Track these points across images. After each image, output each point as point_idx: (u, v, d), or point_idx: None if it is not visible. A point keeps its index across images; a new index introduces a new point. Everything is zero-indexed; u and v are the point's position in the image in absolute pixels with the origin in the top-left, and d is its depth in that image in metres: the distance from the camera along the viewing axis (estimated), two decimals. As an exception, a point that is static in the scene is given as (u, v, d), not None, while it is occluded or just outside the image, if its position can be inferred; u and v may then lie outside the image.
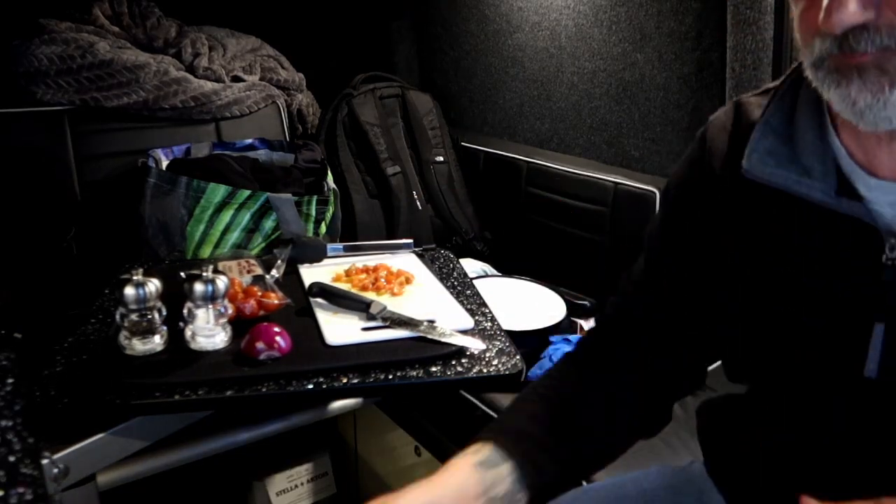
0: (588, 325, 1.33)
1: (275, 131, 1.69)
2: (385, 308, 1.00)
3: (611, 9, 1.49)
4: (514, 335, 1.01)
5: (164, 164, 1.39)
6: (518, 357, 0.94)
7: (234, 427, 1.05)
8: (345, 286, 1.09)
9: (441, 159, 1.85)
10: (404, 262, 1.24)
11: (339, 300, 1.03)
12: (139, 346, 0.89)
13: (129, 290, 0.87)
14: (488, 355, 0.94)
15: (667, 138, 1.46)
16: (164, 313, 0.91)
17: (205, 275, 0.89)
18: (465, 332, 0.98)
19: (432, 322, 0.98)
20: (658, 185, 1.40)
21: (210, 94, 1.54)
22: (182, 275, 0.91)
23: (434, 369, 0.91)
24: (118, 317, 0.89)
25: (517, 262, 1.66)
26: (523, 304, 1.32)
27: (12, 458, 0.53)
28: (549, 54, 1.67)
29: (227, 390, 0.84)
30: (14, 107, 1.40)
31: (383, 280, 1.12)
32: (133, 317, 0.89)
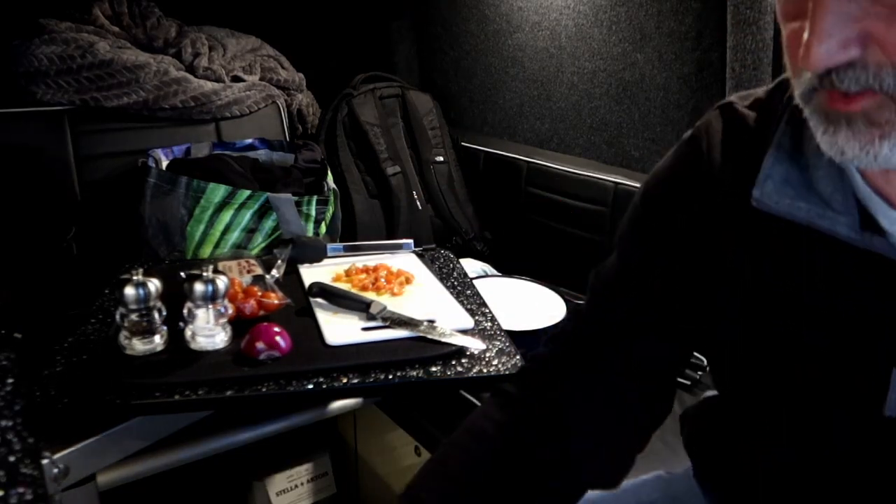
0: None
1: (275, 131, 1.69)
2: (385, 308, 1.00)
3: (611, 9, 1.49)
4: (514, 335, 1.01)
5: (164, 164, 1.39)
6: (518, 357, 0.94)
7: (234, 427, 1.05)
8: (345, 286, 1.09)
9: (441, 159, 1.85)
10: (404, 262, 1.24)
11: (339, 300, 1.03)
12: (139, 346, 0.89)
13: (129, 290, 0.87)
14: (488, 355, 0.94)
15: (667, 138, 1.45)
16: (164, 313, 0.91)
17: (205, 275, 0.89)
18: (465, 332, 0.99)
19: (432, 322, 0.98)
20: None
21: (210, 94, 1.54)
22: (182, 275, 0.91)
23: (434, 369, 0.91)
24: (118, 317, 0.90)
25: (517, 262, 1.66)
26: (523, 304, 1.32)
27: (12, 458, 0.53)
28: (549, 54, 1.66)
29: (227, 390, 0.84)
30: (14, 107, 1.40)
31: (383, 280, 1.12)
32: (133, 317, 0.89)
